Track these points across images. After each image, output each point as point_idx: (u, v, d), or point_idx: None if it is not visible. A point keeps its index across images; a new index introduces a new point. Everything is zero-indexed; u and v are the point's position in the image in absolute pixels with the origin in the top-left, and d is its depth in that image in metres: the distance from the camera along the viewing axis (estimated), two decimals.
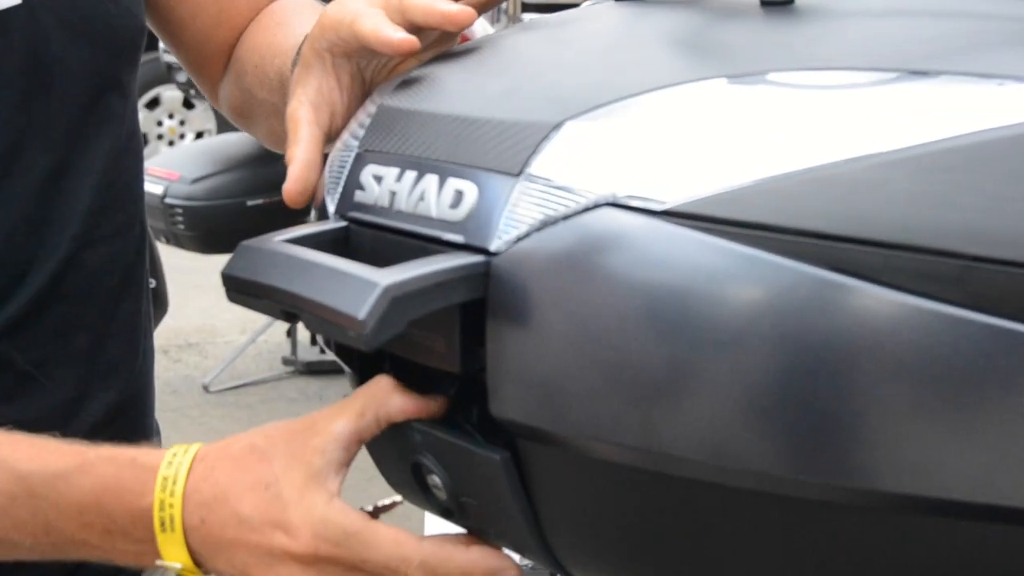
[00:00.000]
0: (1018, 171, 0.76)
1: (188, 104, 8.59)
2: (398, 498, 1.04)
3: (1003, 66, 0.81)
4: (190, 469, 0.97)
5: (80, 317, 1.23)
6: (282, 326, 6.51)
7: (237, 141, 5.95)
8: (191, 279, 6.52)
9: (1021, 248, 0.75)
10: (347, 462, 0.96)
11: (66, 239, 1.20)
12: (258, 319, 6.69)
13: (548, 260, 0.83)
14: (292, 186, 1.06)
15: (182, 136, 8.82)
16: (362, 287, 0.83)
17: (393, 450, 0.95)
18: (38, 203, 1.18)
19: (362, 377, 1.00)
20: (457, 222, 0.87)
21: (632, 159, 0.82)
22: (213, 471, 0.97)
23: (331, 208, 0.98)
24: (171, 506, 0.96)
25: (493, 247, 0.85)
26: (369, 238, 0.93)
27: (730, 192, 0.79)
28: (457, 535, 0.97)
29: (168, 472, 0.97)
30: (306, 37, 1.11)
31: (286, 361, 6.44)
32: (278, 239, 0.93)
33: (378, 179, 0.94)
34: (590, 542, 0.90)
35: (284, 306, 0.89)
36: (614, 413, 0.82)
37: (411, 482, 0.97)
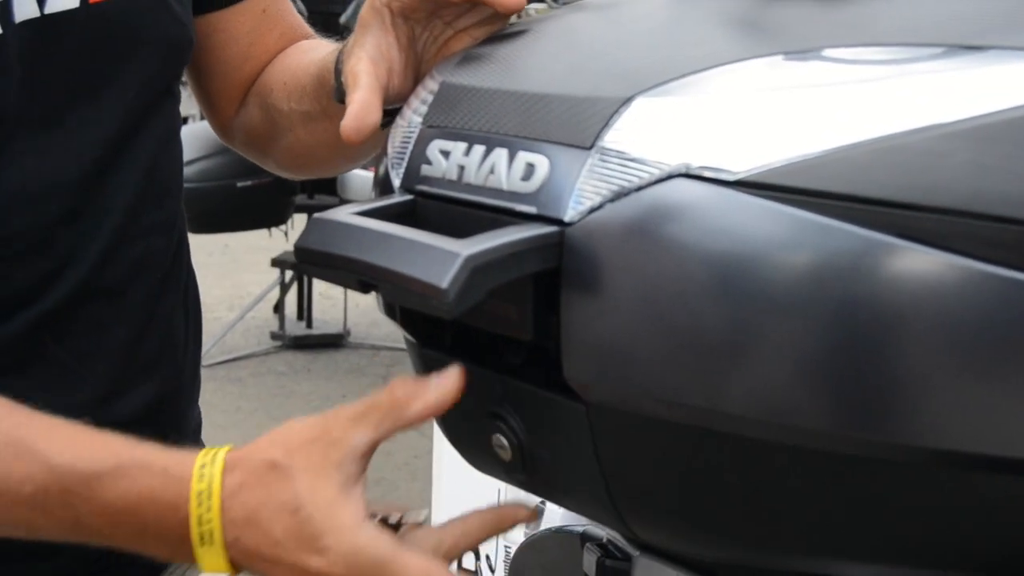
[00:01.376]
0: None
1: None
2: (424, 514, 1.04)
3: None
4: (222, 483, 0.97)
5: (119, 311, 1.23)
6: (269, 303, 6.52)
7: None
8: None
9: None
10: (365, 469, 0.97)
11: (105, 234, 1.21)
12: (246, 296, 6.71)
13: (622, 229, 0.84)
14: (349, 123, 1.05)
15: None
16: (443, 257, 0.84)
17: (469, 400, 0.96)
18: (80, 198, 1.19)
19: (424, 344, 1.01)
20: (529, 194, 0.88)
21: (702, 132, 0.83)
22: (241, 489, 0.96)
23: (396, 183, 0.98)
24: (209, 521, 0.97)
25: (567, 217, 0.86)
26: (437, 211, 0.94)
27: (799, 162, 0.80)
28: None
29: (202, 486, 0.97)
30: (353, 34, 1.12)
31: (274, 336, 6.46)
32: (349, 212, 0.94)
33: (445, 153, 0.94)
34: (653, 499, 0.91)
35: (362, 276, 0.90)
36: (682, 377, 0.83)
37: (475, 436, 0.97)
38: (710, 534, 0.90)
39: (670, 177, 0.83)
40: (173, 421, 1.31)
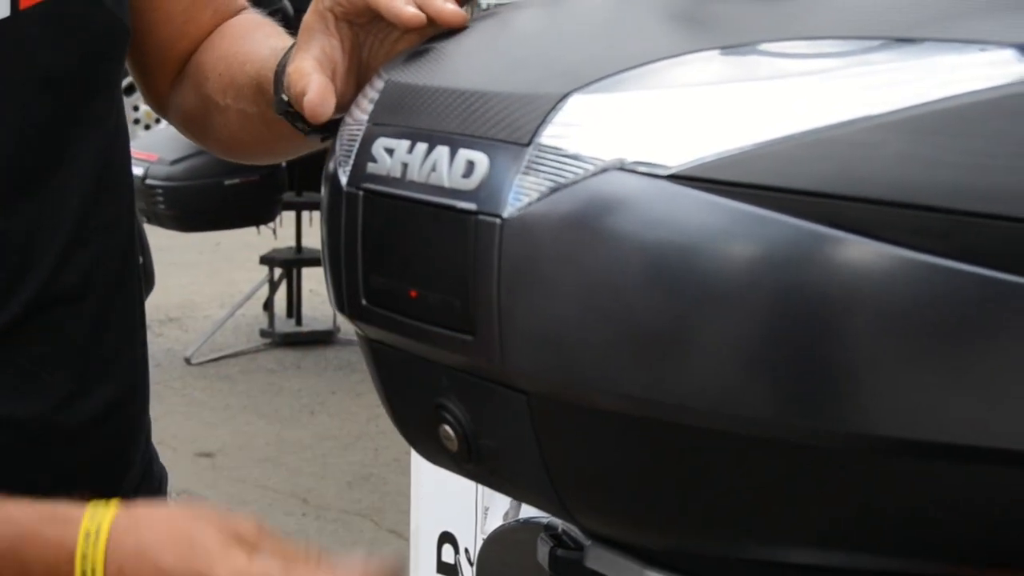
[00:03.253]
0: (1001, 131, 0.78)
1: None
2: None
3: (983, 32, 0.82)
4: (112, 522, 0.98)
5: (77, 313, 1.22)
6: (259, 300, 6.52)
7: None
8: (170, 256, 6.51)
9: (1006, 203, 0.77)
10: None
11: (59, 240, 1.19)
12: (236, 294, 6.71)
13: (559, 222, 0.84)
14: (314, 98, 1.06)
15: (157, 120, 8.77)
16: None
17: (414, 393, 0.96)
18: (29, 206, 1.17)
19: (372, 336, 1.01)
20: (470, 191, 0.88)
21: (637, 127, 0.83)
22: (138, 525, 0.97)
23: (343, 180, 0.98)
24: (93, 559, 0.97)
25: (506, 214, 0.86)
26: (384, 207, 0.94)
27: (731, 155, 0.80)
28: None
29: (91, 525, 0.97)
30: (294, 43, 1.12)
31: (264, 333, 6.46)
32: None
33: (389, 151, 0.94)
34: (596, 488, 0.91)
35: None
36: (622, 366, 0.83)
37: (424, 427, 0.97)
38: (653, 523, 0.90)
39: (605, 171, 0.83)
40: (129, 422, 1.30)
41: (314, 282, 6.74)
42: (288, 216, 6.10)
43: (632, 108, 0.84)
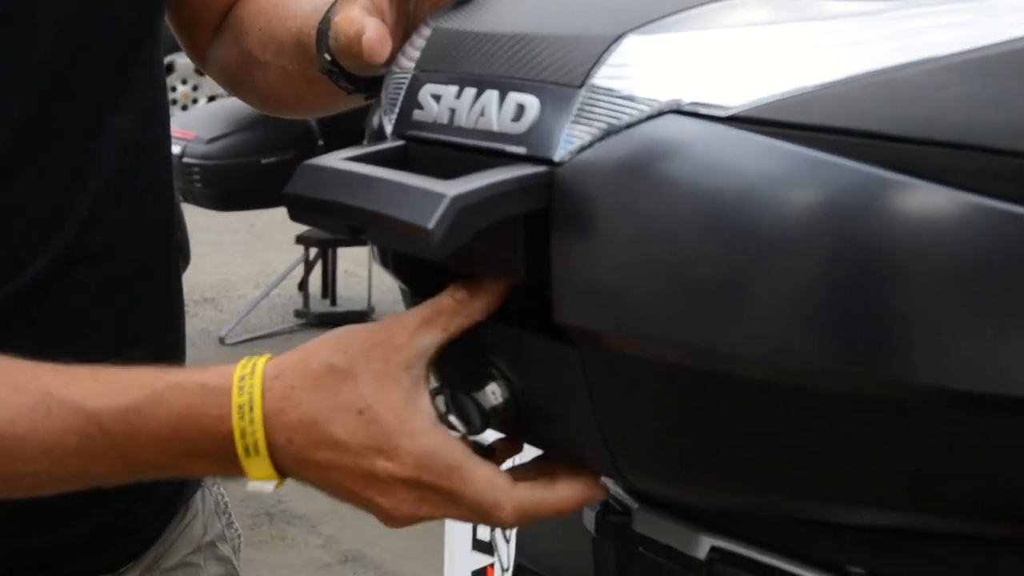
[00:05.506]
0: None
1: (200, 71, 8.57)
2: None
3: None
4: (263, 389, 0.93)
5: (111, 275, 1.20)
6: (294, 280, 6.51)
7: None
8: (206, 236, 6.51)
9: None
10: (428, 376, 0.93)
11: (92, 197, 1.17)
12: (271, 274, 6.70)
13: (612, 168, 0.81)
14: (373, 36, 1.02)
15: (195, 100, 8.80)
16: (430, 199, 0.82)
17: (462, 350, 0.93)
18: (68, 161, 1.15)
19: (416, 292, 0.99)
20: (519, 135, 0.85)
21: (693, 68, 0.81)
22: (293, 391, 0.92)
23: (388, 128, 0.96)
24: (252, 433, 0.92)
25: (557, 157, 0.83)
26: (428, 155, 0.91)
27: (793, 96, 0.77)
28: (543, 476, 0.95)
29: (242, 399, 0.92)
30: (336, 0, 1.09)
31: (298, 314, 6.44)
32: (339, 157, 0.91)
33: (436, 98, 0.92)
34: (648, 445, 0.88)
35: (350, 222, 0.88)
36: (678, 316, 0.80)
37: (468, 386, 0.94)
38: (706, 481, 0.88)
39: (661, 114, 0.80)
40: None
41: (350, 263, 6.72)
42: None
43: (689, 48, 0.81)
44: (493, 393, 0.92)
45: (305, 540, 4.09)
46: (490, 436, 0.96)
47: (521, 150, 0.85)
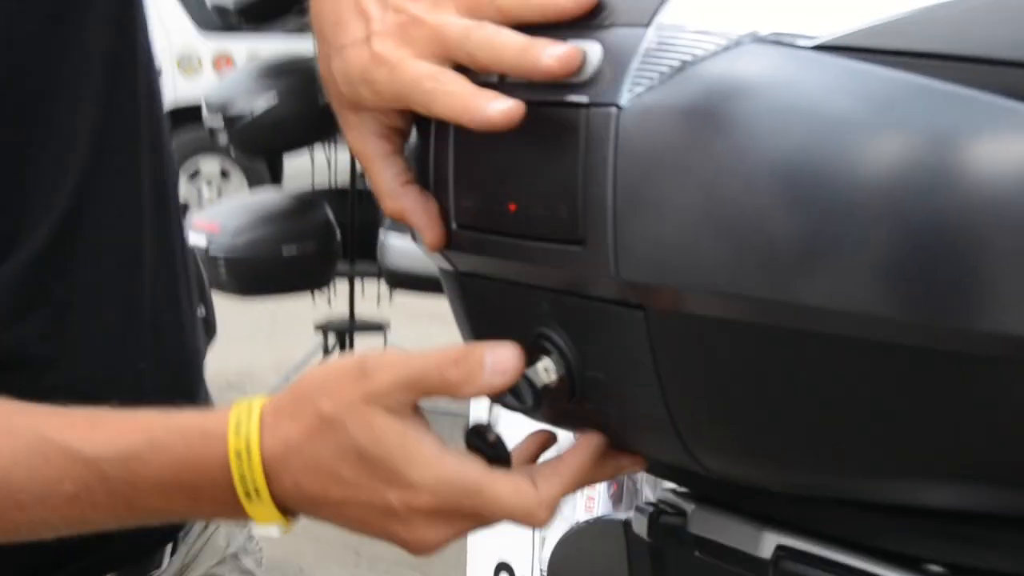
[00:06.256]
0: None
1: (224, 174, 8.52)
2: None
3: None
4: (261, 437, 0.81)
5: (109, 237, 1.04)
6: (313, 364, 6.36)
7: (273, 197, 5.86)
8: (230, 330, 6.37)
9: None
10: (417, 403, 0.81)
11: (84, 149, 1.01)
12: (292, 359, 6.57)
13: (683, 108, 0.68)
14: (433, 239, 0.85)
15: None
16: None
17: (509, 327, 0.80)
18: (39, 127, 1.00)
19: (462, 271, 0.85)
20: (580, 83, 0.73)
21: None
22: (291, 438, 0.81)
23: None
24: (253, 479, 0.82)
25: (623, 101, 0.70)
26: None
27: (888, 22, 0.65)
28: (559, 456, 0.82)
29: (239, 445, 0.82)
30: None
31: None
32: None
33: None
34: (717, 414, 0.75)
35: None
36: (753, 268, 0.67)
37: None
38: (781, 455, 0.74)
39: (738, 45, 0.67)
40: (180, 364, 1.13)
41: (368, 348, 6.58)
42: (342, 285, 5.96)
43: None
44: (546, 370, 0.79)
45: None
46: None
47: (583, 99, 0.72)
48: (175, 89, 8.11)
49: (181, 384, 1.13)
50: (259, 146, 5.76)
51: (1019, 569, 0.75)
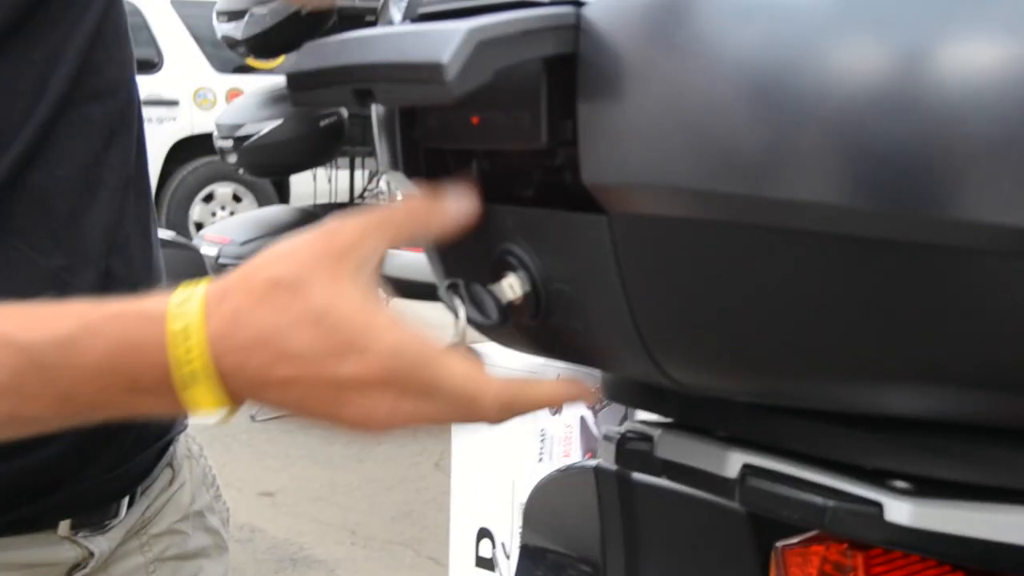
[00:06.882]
0: None
1: (236, 198, 8.47)
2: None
3: None
4: (206, 315, 0.72)
5: (59, 181, 0.97)
6: None
7: (278, 211, 5.82)
8: None
9: None
10: (376, 284, 0.73)
11: (48, 102, 0.95)
12: None
13: (647, 1, 0.62)
14: None
15: (231, 213, 8.68)
16: (444, 35, 0.62)
17: (474, 247, 0.74)
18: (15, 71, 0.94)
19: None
20: None
21: None
22: (239, 312, 0.71)
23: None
24: (190, 362, 0.72)
25: None
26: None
27: None
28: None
29: (176, 325, 0.72)
30: None
31: None
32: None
33: None
34: (683, 322, 0.69)
35: (356, 83, 0.68)
36: (718, 162, 0.61)
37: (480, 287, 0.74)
38: (748, 361, 0.68)
39: None
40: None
41: None
42: None
43: None
44: (511, 286, 0.72)
45: None
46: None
47: None
48: (192, 123, 8.16)
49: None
50: (265, 165, 5.70)
51: (982, 479, 0.69)
